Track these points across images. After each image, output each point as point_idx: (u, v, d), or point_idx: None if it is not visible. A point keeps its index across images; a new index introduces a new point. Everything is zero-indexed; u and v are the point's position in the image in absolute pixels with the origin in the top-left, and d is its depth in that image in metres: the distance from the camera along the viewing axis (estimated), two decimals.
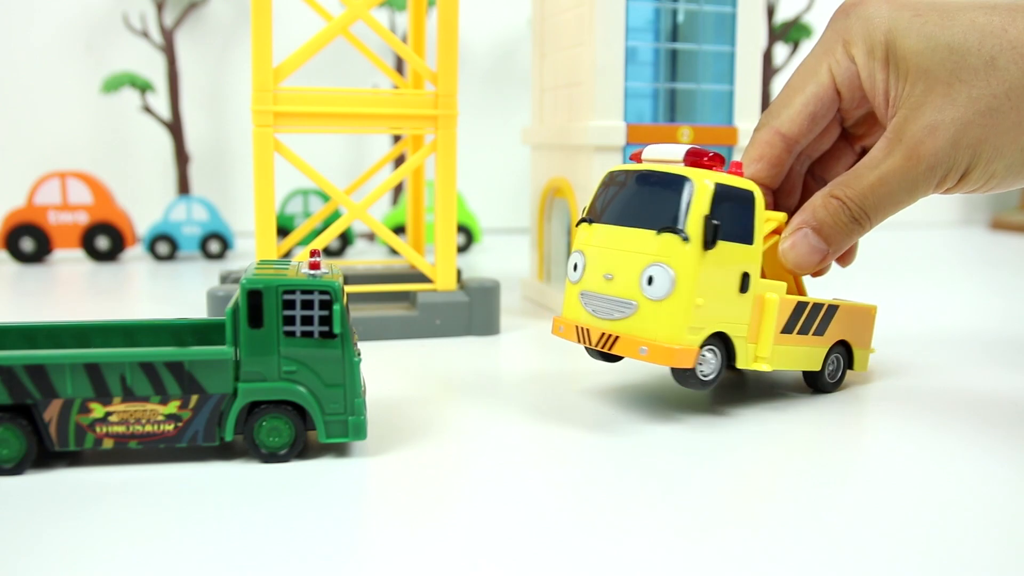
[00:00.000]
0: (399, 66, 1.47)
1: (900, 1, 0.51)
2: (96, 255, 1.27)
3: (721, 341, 0.50)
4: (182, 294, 0.98)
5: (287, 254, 0.95)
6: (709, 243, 0.48)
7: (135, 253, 1.36)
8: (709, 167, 0.50)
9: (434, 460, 0.45)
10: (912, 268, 1.23)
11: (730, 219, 0.49)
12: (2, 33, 1.50)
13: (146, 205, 1.49)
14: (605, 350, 0.50)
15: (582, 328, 0.52)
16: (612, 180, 0.53)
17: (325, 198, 1.38)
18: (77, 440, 0.43)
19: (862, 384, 0.60)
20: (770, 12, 1.64)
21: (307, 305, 0.43)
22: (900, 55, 0.49)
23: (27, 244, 1.24)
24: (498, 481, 0.42)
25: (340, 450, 0.46)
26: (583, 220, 0.53)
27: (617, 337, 0.49)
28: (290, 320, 0.43)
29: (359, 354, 0.45)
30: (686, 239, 0.48)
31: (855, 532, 0.37)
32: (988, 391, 0.59)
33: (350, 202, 0.74)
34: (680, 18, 0.82)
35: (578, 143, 0.79)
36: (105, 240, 1.27)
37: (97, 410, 0.43)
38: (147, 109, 1.43)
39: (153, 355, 0.43)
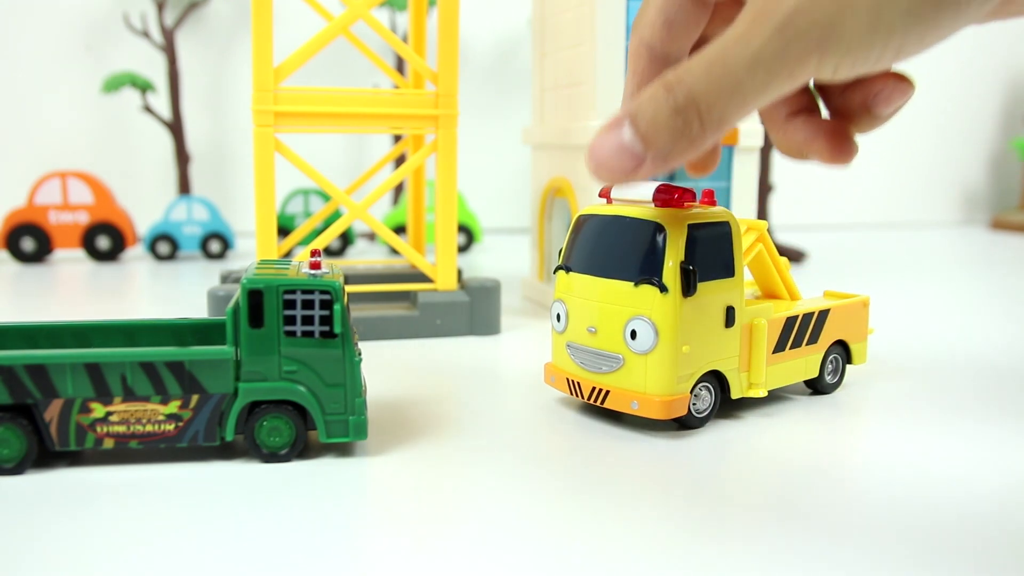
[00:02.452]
0: (399, 66, 1.47)
1: None
2: (97, 255, 1.27)
3: (714, 376, 0.50)
4: (183, 294, 0.98)
5: (288, 254, 0.95)
6: (688, 290, 0.47)
7: (136, 253, 1.36)
8: (679, 205, 0.48)
9: (434, 460, 0.45)
10: (912, 268, 1.23)
11: (708, 256, 0.48)
12: (2, 33, 1.50)
13: (147, 205, 1.49)
14: (597, 404, 0.50)
15: (573, 381, 0.51)
16: (583, 225, 0.51)
17: (326, 198, 1.38)
18: (78, 440, 0.43)
19: (861, 386, 0.60)
20: None
21: (308, 305, 0.43)
22: None
23: (28, 244, 1.24)
24: (499, 481, 0.42)
25: (341, 450, 0.46)
26: (559, 267, 0.52)
27: (608, 391, 0.49)
28: (291, 320, 0.43)
29: (360, 354, 0.45)
30: (664, 290, 0.46)
31: (858, 532, 0.37)
32: (988, 392, 0.59)
33: (351, 202, 0.74)
34: None
35: (579, 143, 0.79)
36: (106, 240, 1.27)
37: (98, 410, 0.43)
38: (148, 109, 1.43)
39: (154, 355, 0.43)
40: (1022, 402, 0.56)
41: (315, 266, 0.45)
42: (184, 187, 1.48)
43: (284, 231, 1.34)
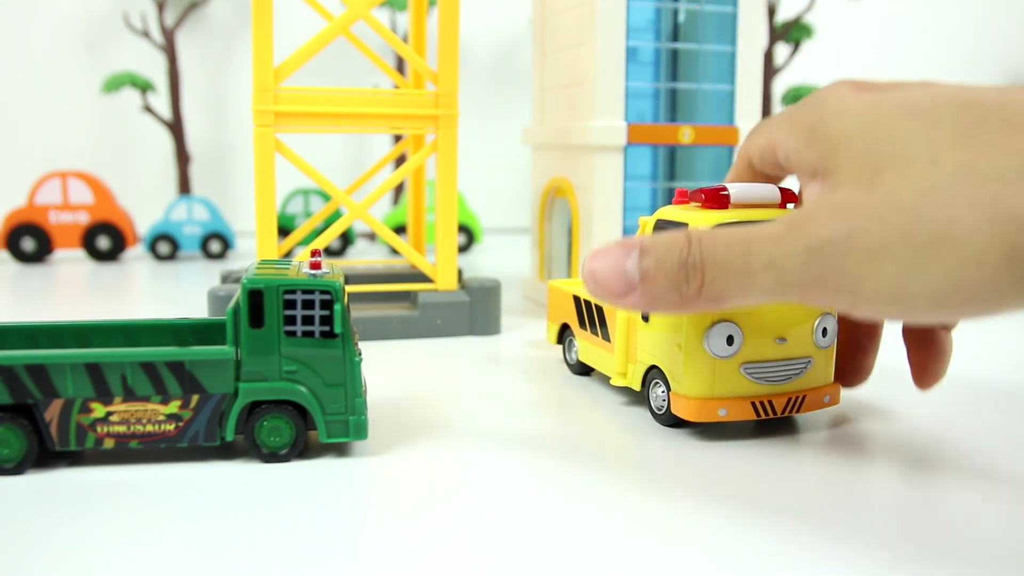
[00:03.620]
0: (400, 66, 1.48)
1: (863, 84, 0.39)
2: (97, 255, 1.27)
3: None
4: (183, 294, 0.98)
5: (288, 254, 0.95)
6: None
7: (136, 253, 1.36)
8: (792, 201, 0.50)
9: (434, 460, 0.45)
10: None
11: None
12: (2, 33, 1.50)
13: (147, 205, 1.49)
14: (794, 413, 0.49)
15: (762, 401, 0.48)
16: None
17: (326, 198, 1.38)
18: (78, 440, 0.43)
19: (863, 389, 0.60)
20: (771, 12, 1.64)
21: (308, 305, 0.43)
22: (830, 133, 0.37)
23: (28, 244, 1.24)
24: (498, 481, 0.42)
25: (341, 450, 0.46)
26: None
27: (803, 396, 0.49)
28: (291, 320, 0.43)
29: (360, 354, 0.45)
30: None
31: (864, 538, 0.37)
32: (988, 392, 0.59)
33: (351, 202, 0.74)
34: (681, 18, 0.82)
35: (579, 143, 0.79)
36: (106, 240, 1.27)
37: (98, 410, 0.43)
38: (148, 109, 1.43)
39: (154, 355, 0.43)
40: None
41: (315, 266, 0.45)
42: (184, 187, 1.48)
43: (284, 231, 1.34)
